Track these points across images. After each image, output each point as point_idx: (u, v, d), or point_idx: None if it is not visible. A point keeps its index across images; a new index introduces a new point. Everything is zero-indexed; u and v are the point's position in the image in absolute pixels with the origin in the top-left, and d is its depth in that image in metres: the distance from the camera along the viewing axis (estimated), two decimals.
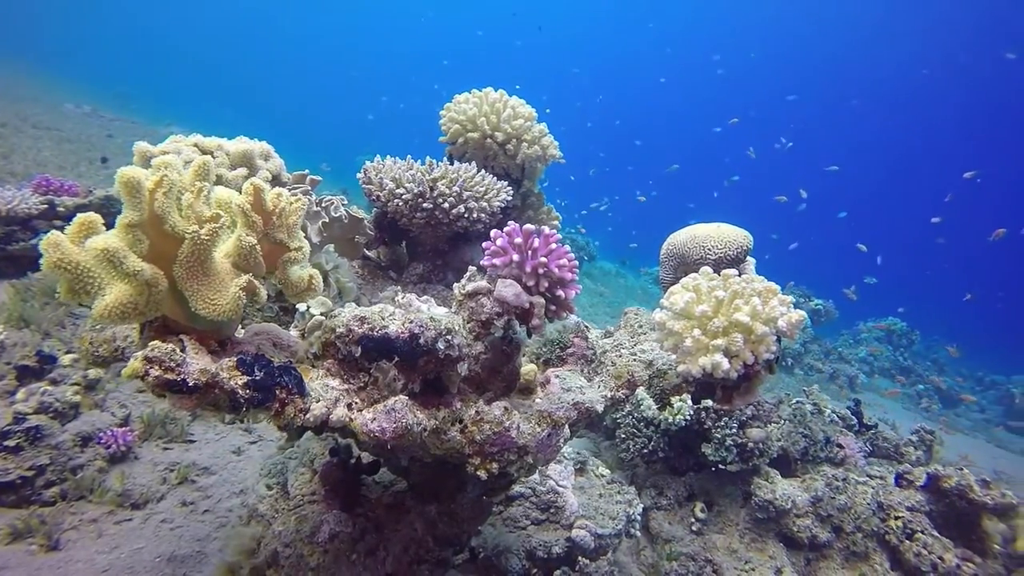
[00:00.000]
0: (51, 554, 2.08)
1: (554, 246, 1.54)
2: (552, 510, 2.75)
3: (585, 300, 10.04)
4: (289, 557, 1.81)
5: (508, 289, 1.51)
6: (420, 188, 2.08)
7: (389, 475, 2.13)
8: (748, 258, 2.17)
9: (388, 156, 2.22)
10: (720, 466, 3.45)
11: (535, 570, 2.57)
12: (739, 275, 1.77)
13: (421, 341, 1.35)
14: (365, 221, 2.22)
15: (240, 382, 1.10)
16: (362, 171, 2.20)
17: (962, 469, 3.19)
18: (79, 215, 1.13)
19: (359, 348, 1.34)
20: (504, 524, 2.66)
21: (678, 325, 1.67)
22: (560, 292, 1.57)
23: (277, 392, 1.14)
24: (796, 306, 1.68)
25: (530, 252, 1.53)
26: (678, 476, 3.61)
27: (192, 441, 2.82)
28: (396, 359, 1.36)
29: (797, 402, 4.08)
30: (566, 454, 3.09)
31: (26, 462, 2.28)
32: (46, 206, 3.80)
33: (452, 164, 2.25)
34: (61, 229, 3.19)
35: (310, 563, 1.78)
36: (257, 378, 1.11)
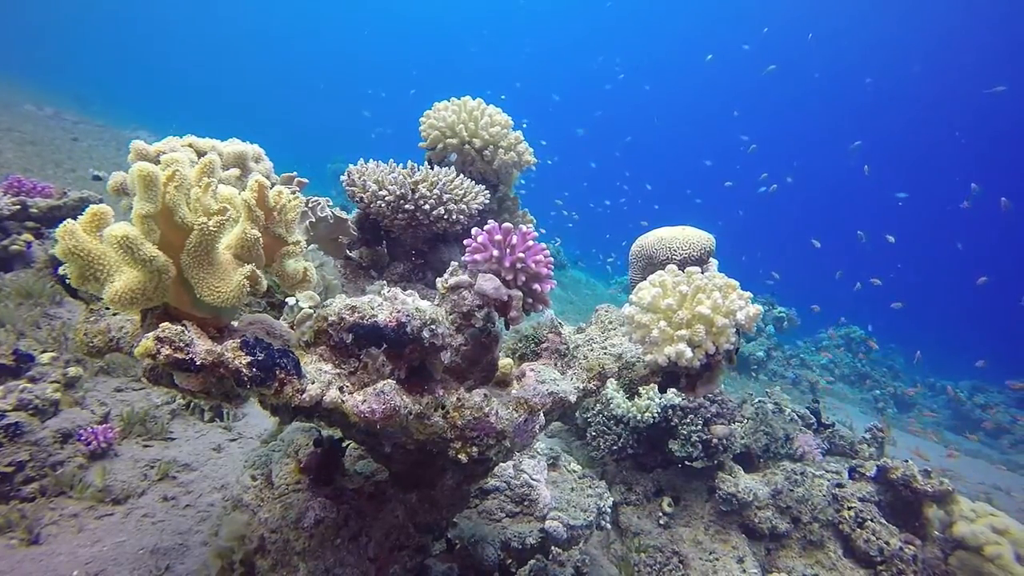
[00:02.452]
0: (32, 548, 2.10)
1: (531, 243, 1.67)
2: (526, 503, 2.86)
3: (556, 307, 10.21)
4: (276, 542, 1.88)
5: (488, 283, 1.63)
6: (402, 190, 2.19)
7: (371, 465, 2.22)
8: (711, 259, 2.32)
9: (371, 160, 2.32)
10: (686, 462, 3.61)
11: (510, 560, 2.67)
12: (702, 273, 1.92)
13: (408, 329, 1.45)
14: (349, 222, 2.31)
15: (244, 362, 1.19)
16: (345, 173, 2.29)
17: (907, 461, 3.41)
18: (91, 207, 1.21)
19: (350, 335, 1.43)
20: (480, 516, 2.76)
21: (646, 318, 1.80)
22: (536, 286, 1.69)
23: (277, 372, 1.23)
24: (760, 315, 1.84)
25: (509, 248, 1.65)
26: (646, 473, 3.76)
27: (172, 439, 2.84)
28: (384, 346, 1.46)
29: (759, 401, 4.28)
30: (539, 450, 3.20)
31: (5, 458, 2.29)
32: (18, 207, 3.77)
33: (432, 169, 2.36)
34: (36, 231, 3.19)
35: (296, 547, 1.86)
36: (259, 359, 1.20)
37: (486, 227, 1.66)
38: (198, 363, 1.14)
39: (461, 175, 2.37)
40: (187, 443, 2.85)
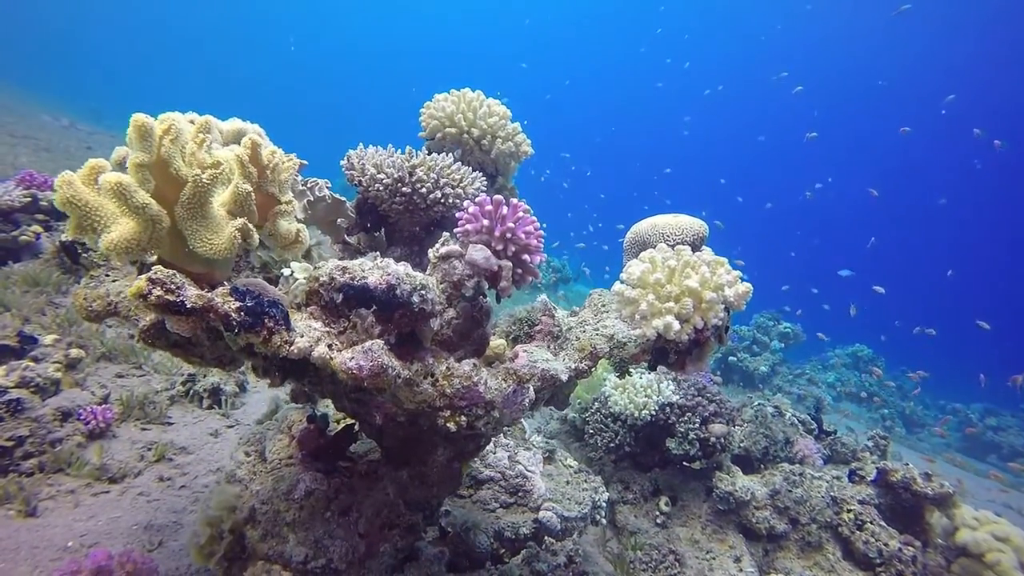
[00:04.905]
0: (29, 520, 2.13)
1: (521, 215, 1.70)
2: (520, 493, 2.85)
3: None
4: (266, 513, 1.89)
5: (479, 253, 1.66)
6: (400, 174, 2.23)
7: (364, 445, 2.23)
8: (704, 246, 2.34)
9: (371, 145, 2.37)
10: (684, 462, 3.59)
11: (503, 550, 2.66)
12: None
13: (398, 292, 1.48)
14: (347, 205, 2.36)
15: (233, 306, 1.22)
16: (345, 158, 2.34)
17: (907, 464, 3.38)
18: (90, 160, 1.26)
19: (340, 295, 1.46)
20: (474, 505, 2.76)
21: (635, 293, 1.82)
22: (526, 257, 1.72)
23: (265, 320, 1.26)
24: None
25: (499, 220, 1.68)
26: (644, 472, 3.74)
27: (170, 423, 2.87)
28: (374, 308, 1.49)
29: (759, 404, 4.25)
30: (535, 443, 3.20)
31: (6, 433, 2.33)
32: (29, 200, 3.86)
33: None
34: (45, 223, 3.26)
35: (286, 518, 1.87)
36: (248, 305, 1.23)
37: (477, 199, 1.69)
38: (188, 305, 1.17)
39: (459, 163, 2.42)
40: (185, 428, 2.88)
